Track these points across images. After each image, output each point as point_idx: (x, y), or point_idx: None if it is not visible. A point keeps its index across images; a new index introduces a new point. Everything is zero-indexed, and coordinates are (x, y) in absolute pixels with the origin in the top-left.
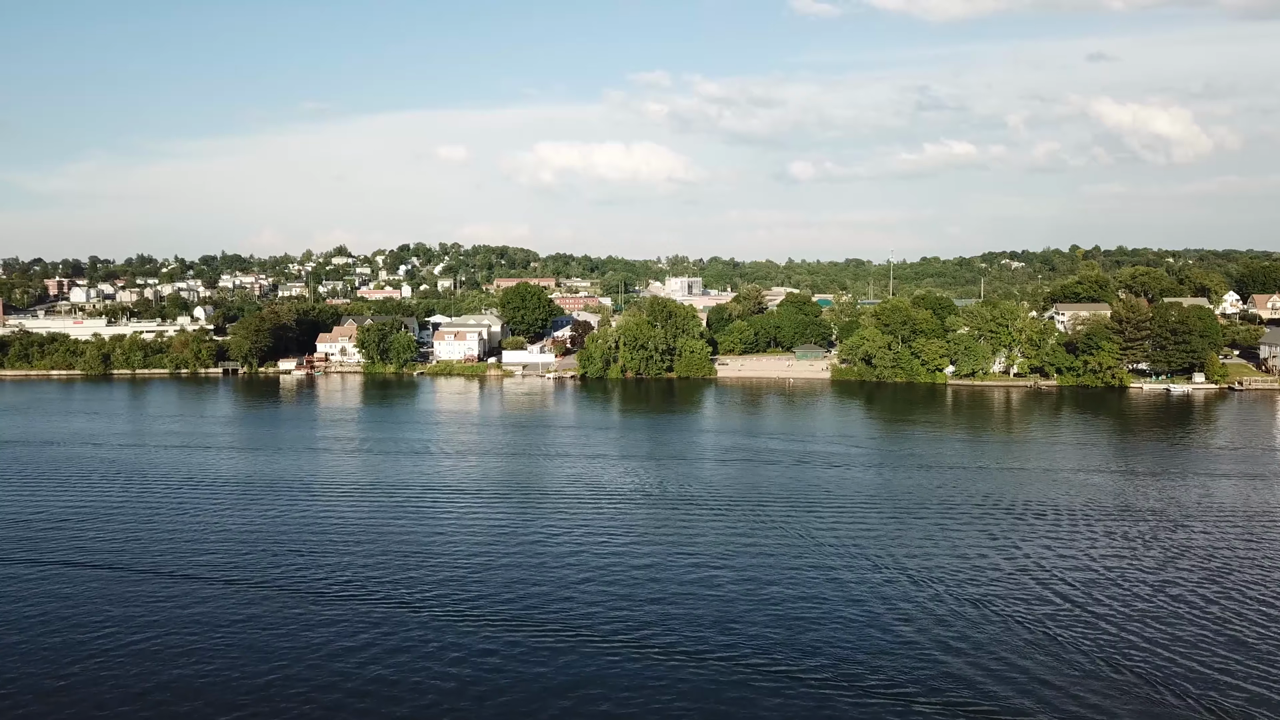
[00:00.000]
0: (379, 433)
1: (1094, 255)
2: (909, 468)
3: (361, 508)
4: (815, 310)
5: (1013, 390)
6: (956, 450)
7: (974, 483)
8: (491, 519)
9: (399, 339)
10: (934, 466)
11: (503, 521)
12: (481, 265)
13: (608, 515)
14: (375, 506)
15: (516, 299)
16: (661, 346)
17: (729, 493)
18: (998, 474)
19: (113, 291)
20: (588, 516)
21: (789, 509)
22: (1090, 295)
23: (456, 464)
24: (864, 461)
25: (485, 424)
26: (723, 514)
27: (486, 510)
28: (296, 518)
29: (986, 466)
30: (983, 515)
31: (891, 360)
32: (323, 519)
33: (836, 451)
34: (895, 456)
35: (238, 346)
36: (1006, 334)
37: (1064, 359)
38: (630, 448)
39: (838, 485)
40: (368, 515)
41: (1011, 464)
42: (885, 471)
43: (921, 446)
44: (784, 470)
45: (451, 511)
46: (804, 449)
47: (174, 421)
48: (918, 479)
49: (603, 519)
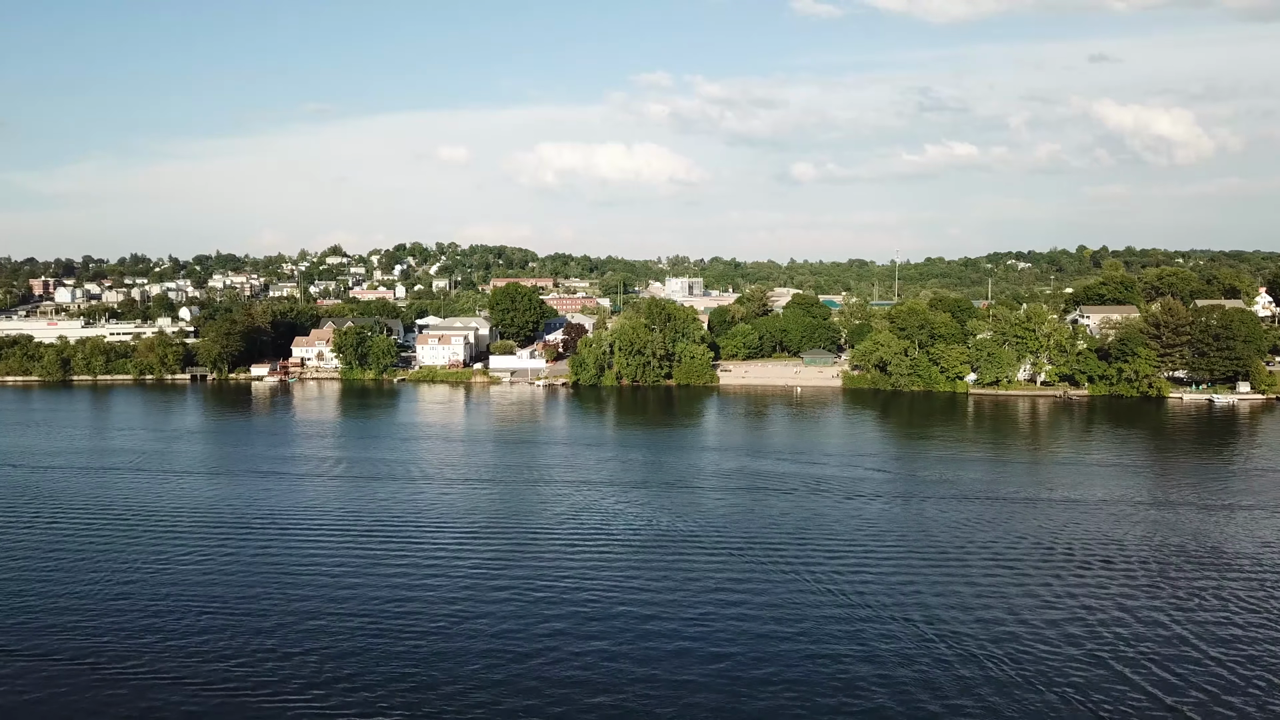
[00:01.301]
0: (343, 451)
1: (1102, 256)
2: (938, 497)
3: (313, 552)
4: (824, 312)
5: (1039, 400)
6: (990, 475)
7: (1023, 519)
8: (464, 566)
9: (378, 343)
10: (968, 497)
11: (478, 568)
12: (478, 265)
13: (597, 559)
14: (330, 553)
15: (506, 300)
16: (660, 352)
17: (735, 531)
18: (1046, 508)
19: (99, 292)
20: (573, 561)
21: (804, 552)
22: (1115, 297)
23: (426, 494)
24: (887, 490)
25: (465, 441)
26: (728, 559)
27: (460, 555)
28: (224, 569)
29: (1033, 498)
30: (1042, 563)
31: (908, 367)
32: (252, 570)
33: (854, 476)
34: (921, 484)
35: (206, 351)
36: (1033, 339)
37: (1096, 366)
38: (624, 471)
39: (859, 522)
40: (319, 564)
41: (1058, 493)
42: (913, 504)
43: (949, 469)
44: (797, 502)
45: (418, 557)
46: (817, 474)
47: (117, 435)
48: (951, 513)
49: (591, 564)
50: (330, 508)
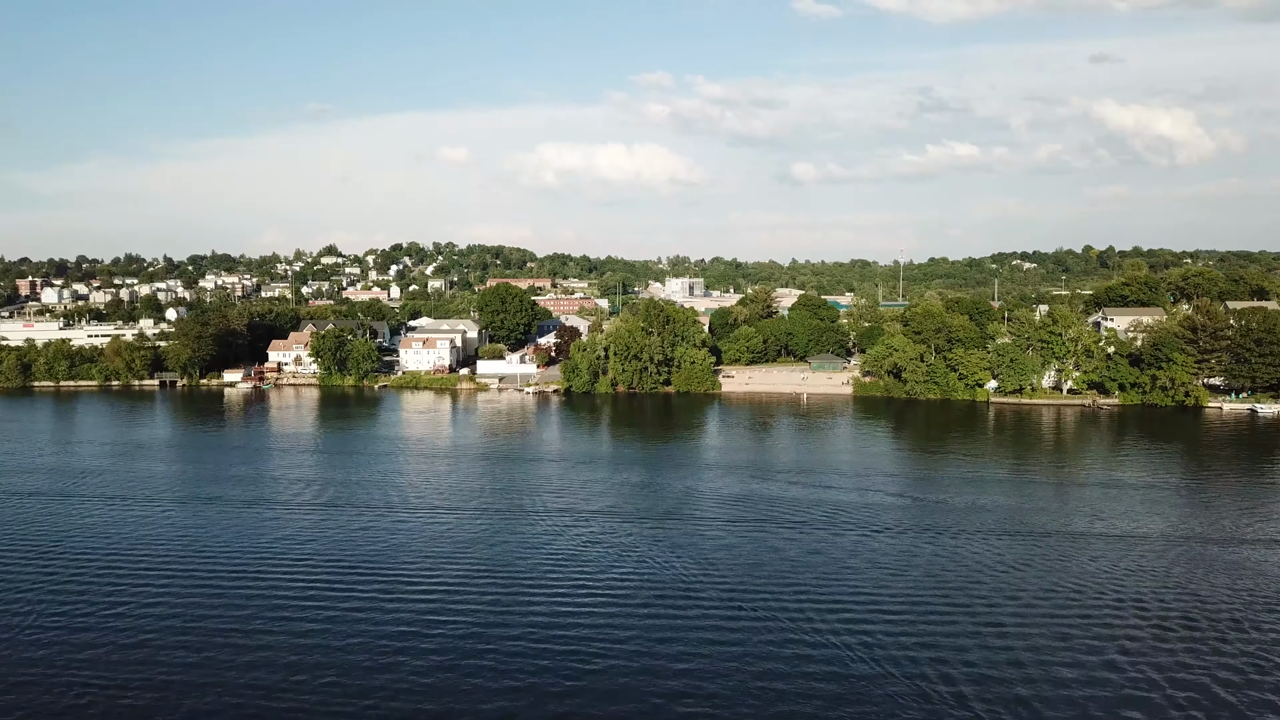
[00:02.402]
0: (307, 472)
1: (1108, 256)
2: (970, 532)
3: (266, 608)
4: (831, 314)
5: (1065, 410)
6: (1023, 502)
7: (1072, 560)
8: (438, 635)
9: (358, 347)
10: (1005, 531)
11: (455, 634)
12: (475, 266)
13: (583, 617)
14: (286, 609)
15: (496, 301)
16: (657, 357)
17: (741, 579)
18: (1097, 545)
19: (86, 292)
20: (564, 624)
21: (822, 609)
22: (1139, 298)
23: (396, 536)
24: (910, 522)
25: (444, 459)
26: (735, 618)
27: (436, 618)
28: (150, 629)
29: (1080, 532)
30: (1111, 621)
31: (925, 374)
32: (189, 632)
33: (871, 504)
34: (947, 514)
35: (175, 355)
36: (1059, 344)
37: (1127, 373)
38: (617, 498)
39: (889, 568)
40: (272, 629)
41: (1106, 524)
42: (942, 542)
43: (977, 493)
44: (811, 540)
45: (387, 621)
46: (830, 500)
47: (51, 453)
48: (985, 553)
49: (576, 624)
50: (283, 548)
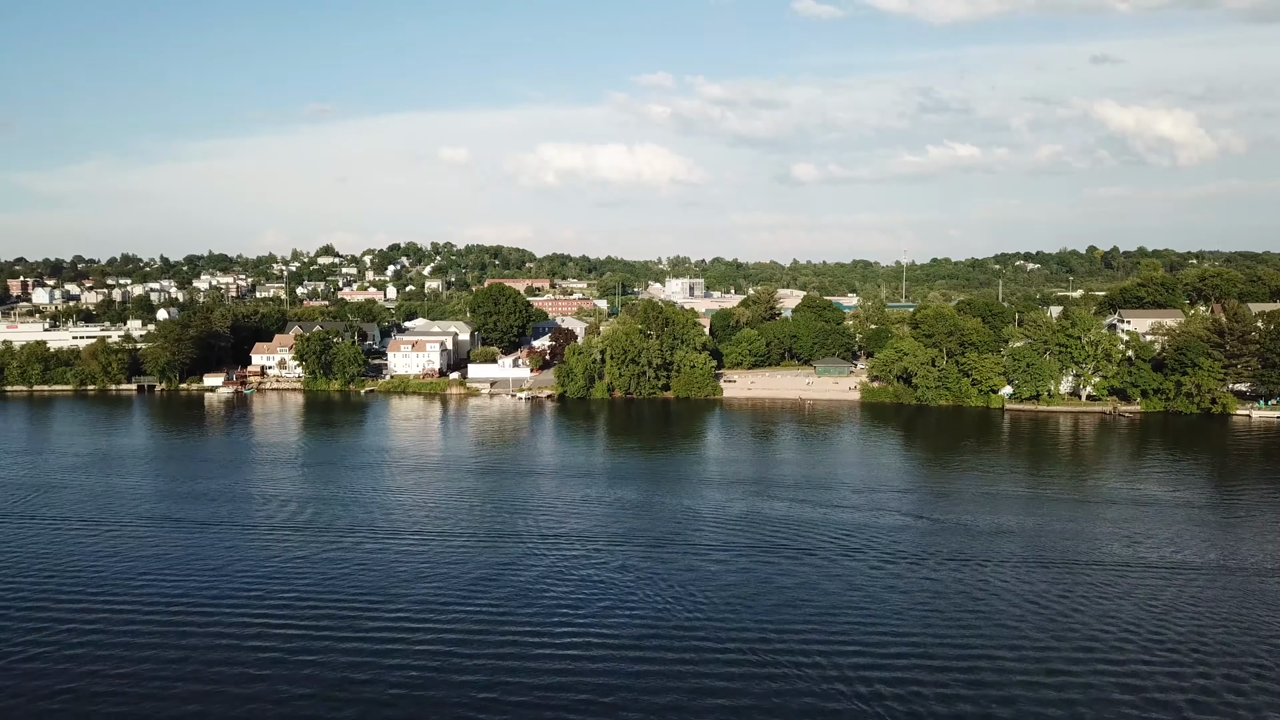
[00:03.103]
0: (283, 487)
1: (1112, 256)
2: (998, 561)
3: (238, 644)
4: (837, 316)
5: (1084, 417)
6: (1054, 523)
7: (1124, 597)
8: (397, 672)
9: (343, 350)
10: (1039, 560)
11: (425, 673)
12: (473, 266)
13: (562, 661)
14: (240, 646)
15: (489, 302)
16: (656, 360)
17: (744, 618)
18: (1146, 578)
19: (78, 293)
20: (544, 670)
21: (841, 656)
22: (1156, 300)
23: (372, 567)
24: (932, 548)
25: (429, 473)
26: (736, 662)
27: (400, 646)
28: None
29: (1123, 561)
30: (1187, 672)
31: (936, 379)
32: (149, 667)
33: (887, 526)
34: (973, 538)
35: (154, 359)
36: (1078, 348)
37: (1150, 378)
38: (609, 519)
39: (913, 605)
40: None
41: (1150, 551)
42: (969, 573)
43: (1001, 512)
44: (823, 570)
45: (332, 659)
46: (841, 522)
47: (6, 465)
48: (1018, 585)
49: (553, 669)
50: (238, 580)
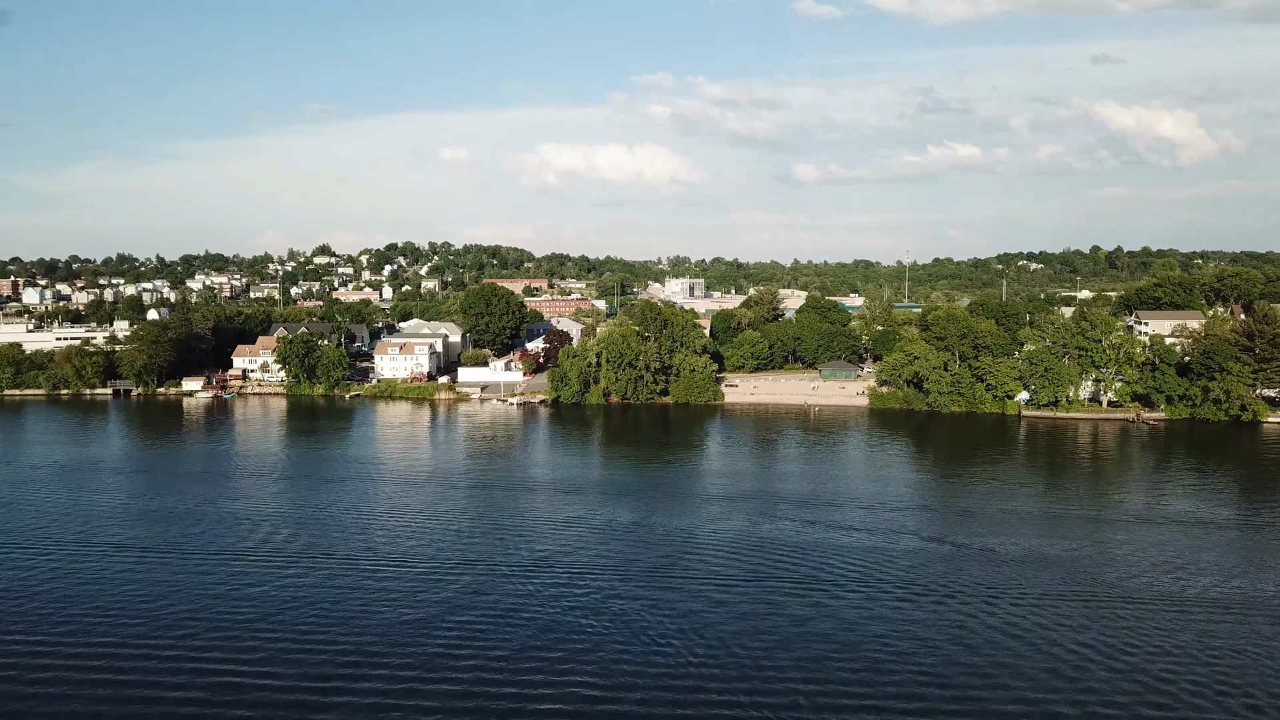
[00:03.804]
0: (246, 507)
1: (1117, 256)
2: (1037, 595)
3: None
4: (843, 317)
5: (1105, 425)
6: (1099, 550)
7: (1203, 648)
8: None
9: (327, 353)
10: (1086, 596)
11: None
12: (472, 266)
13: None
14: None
15: (480, 303)
16: (654, 364)
17: (745, 666)
18: (1207, 615)
19: (69, 293)
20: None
21: (860, 714)
22: (1173, 300)
23: (326, 591)
24: (959, 577)
25: (406, 488)
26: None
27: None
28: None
29: (1187, 599)
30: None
31: (949, 384)
32: None
33: (904, 552)
34: (1004, 568)
35: (130, 361)
36: (1099, 351)
37: (1175, 384)
38: (602, 544)
39: (941, 651)
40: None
41: (1211, 585)
42: (1004, 608)
43: (1033, 536)
44: (834, 606)
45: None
46: (855, 547)
47: None
48: (1066, 629)
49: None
50: (189, 618)
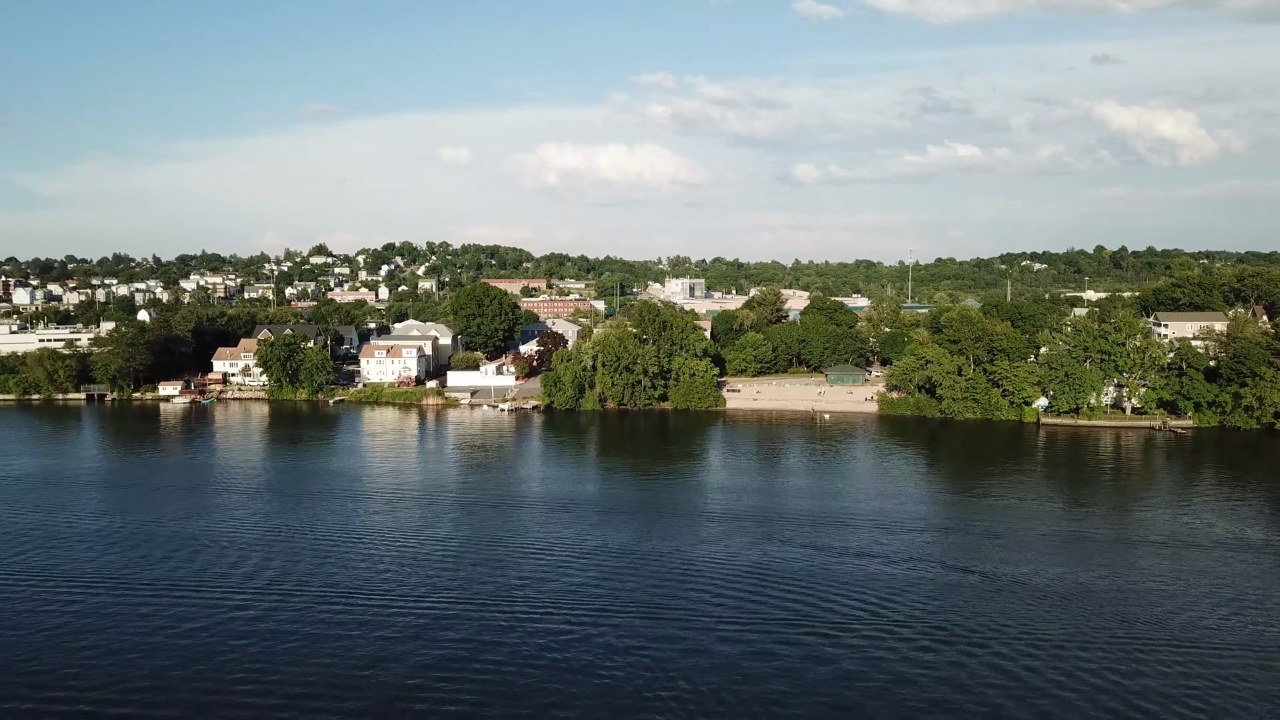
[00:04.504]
0: (206, 527)
1: (1121, 256)
2: (1085, 639)
3: None
4: (849, 319)
5: (1129, 433)
6: (1140, 575)
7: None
8: None
9: (310, 357)
10: (1135, 634)
11: None
12: (470, 266)
13: None
14: None
15: (471, 304)
16: (652, 368)
17: None
18: (1269, 659)
19: (61, 293)
20: None
21: None
22: (1192, 301)
23: (274, 626)
24: (992, 616)
25: (381, 507)
26: None
27: None
28: None
29: (1253, 645)
30: None
31: (963, 390)
32: None
33: (931, 581)
34: (1042, 603)
35: (104, 365)
36: (1122, 355)
37: (1204, 390)
38: (589, 573)
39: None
40: None
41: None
42: (1046, 658)
43: (1067, 561)
44: (855, 658)
45: None
46: (873, 578)
47: None
48: (1127, 689)
49: None
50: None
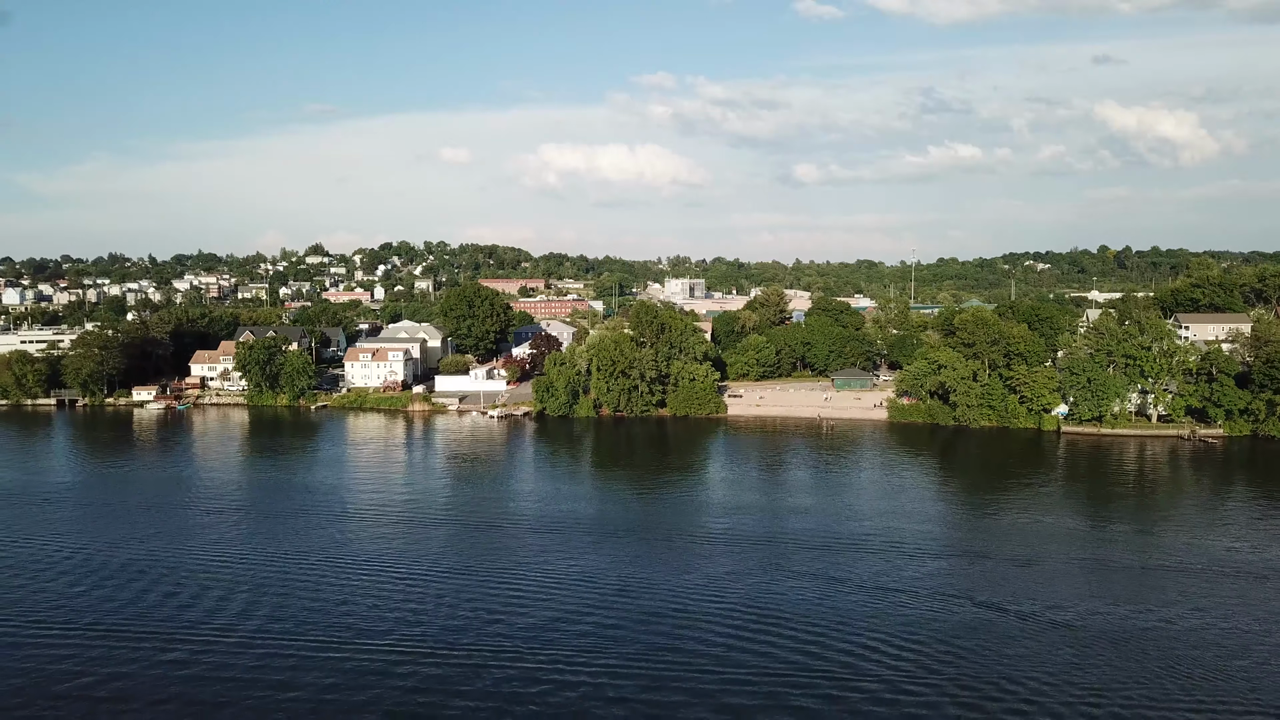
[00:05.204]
0: (149, 552)
1: (1125, 256)
2: (1162, 700)
3: None
4: (856, 321)
5: (1156, 442)
6: (1204, 612)
7: None
8: None
9: (292, 361)
10: (1214, 697)
11: None
12: (468, 266)
13: None
14: None
15: (462, 304)
16: (650, 373)
17: None
18: None
19: (51, 293)
20: None
21: None
22: (1212, 302)
23: (205, 672)
24: (1038, 668)
25: (358, 527)
26: None
27: None
28: None
29: None
30: None
31: (979, 396)
32: None
33: (963, 624)
34: (1092, 646)
35: (74, 369)
36: (1149, 360)
37: (1235, 396)
38: (575, 609)
39: None
40: None
41: None
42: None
43: (1113, 592)
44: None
45: None
46: (897, 617)
47: None
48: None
49: None
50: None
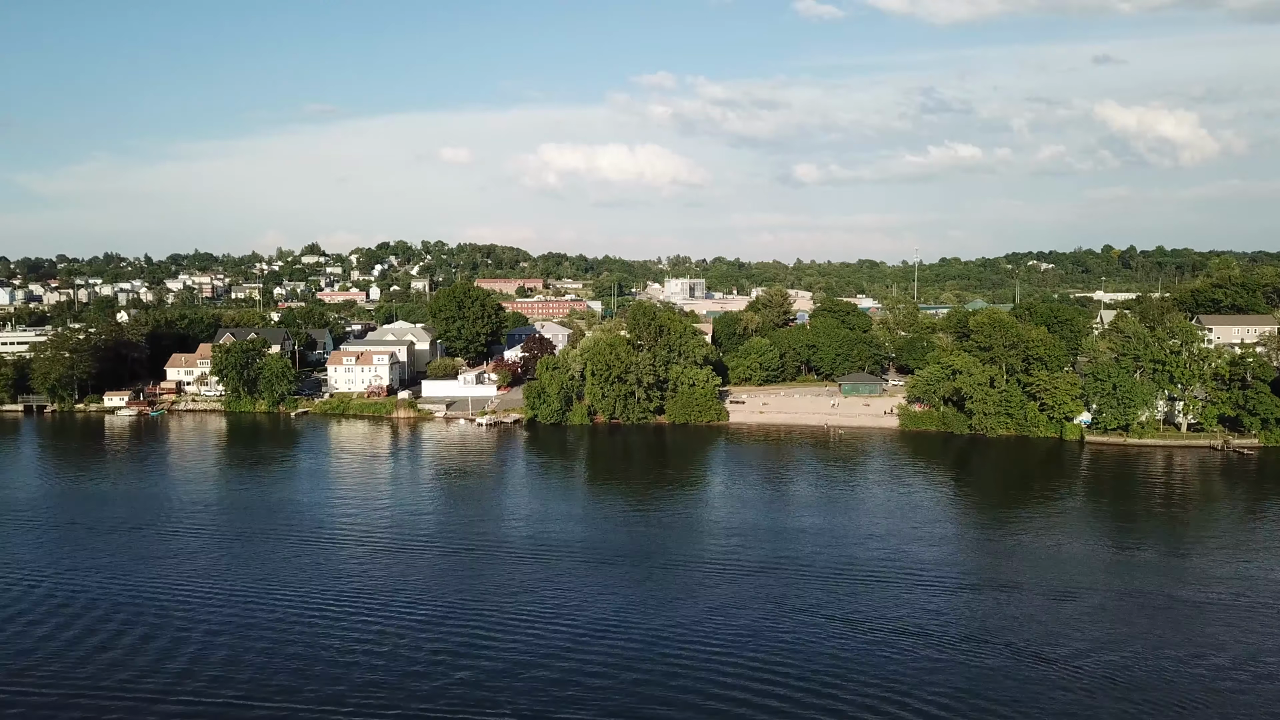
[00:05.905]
0: (105, 589)
1: (1130, 256)
2: None
3: None
4: (864, 323)
5: (1185, 453)
6: (1270, 654)
7: None
8: None
9: (271, 364)
10: None
11: None
12: (465, 265)
13: None
14: None
15: (451, 305)
16: (647, 378)
17: None
18: None
19: (41, 293)
20: None
21: None
22: (1234, 303)
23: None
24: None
25: (327, 557)
26: None
27: None
28: None
29: None
30: None
31: (997, 403)
32: None
33: (998, 671)
34: (1151, 708)
35: (42, 374)
36: (1178, 365)
37: (1271, 404)
38: (557, 652)
39: None
40: None
41: None
42: None
43: (1159, 635)
44: None
45: None
46: (932, 676)
47: None
48: None
49: None
50: None
